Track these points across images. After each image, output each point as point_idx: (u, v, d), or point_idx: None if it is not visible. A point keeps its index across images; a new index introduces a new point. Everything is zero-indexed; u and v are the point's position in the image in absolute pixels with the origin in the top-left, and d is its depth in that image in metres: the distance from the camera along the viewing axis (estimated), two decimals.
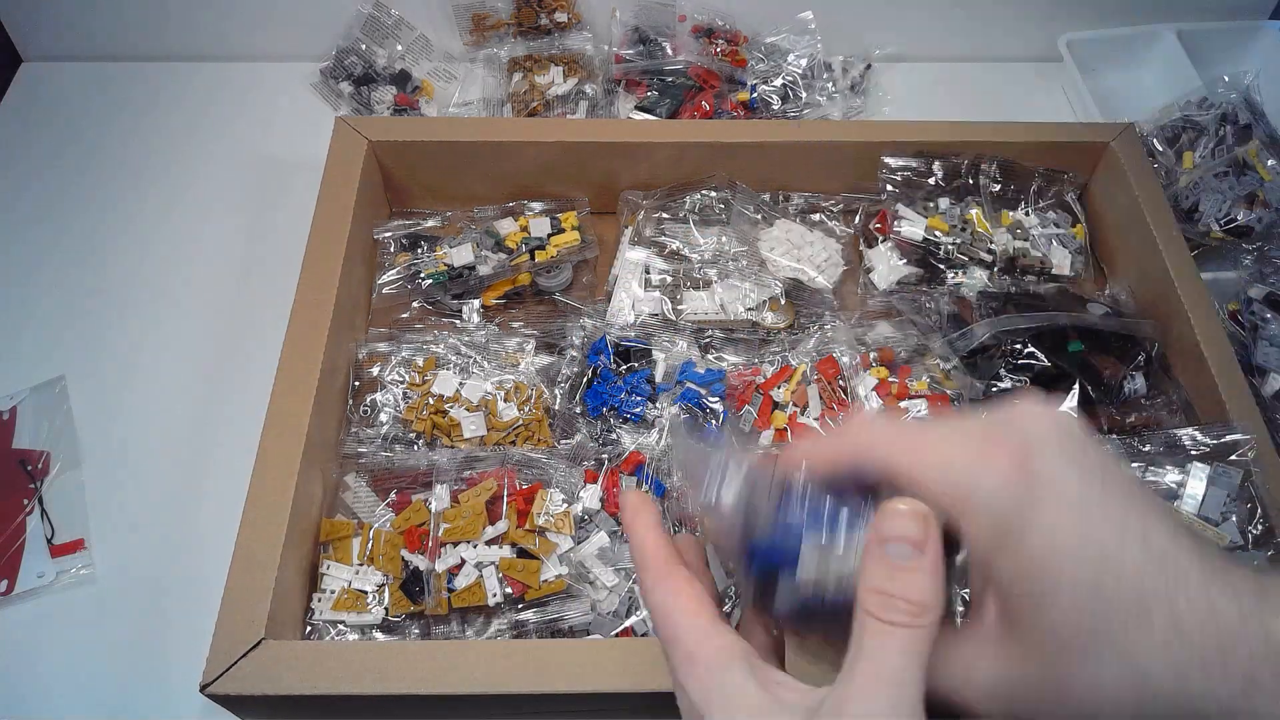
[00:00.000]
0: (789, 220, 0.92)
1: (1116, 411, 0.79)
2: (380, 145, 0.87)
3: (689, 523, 0.70)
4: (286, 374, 0.72)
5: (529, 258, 0.88)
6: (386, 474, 0.74)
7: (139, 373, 0.88)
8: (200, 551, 0.76)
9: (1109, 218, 0.93)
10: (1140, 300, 0.87)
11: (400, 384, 0.80)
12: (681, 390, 0.78)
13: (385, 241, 0.89)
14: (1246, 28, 1.12)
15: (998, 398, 0.79)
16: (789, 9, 1.08)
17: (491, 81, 1.08)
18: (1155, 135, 0.99)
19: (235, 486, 0.66)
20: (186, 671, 0.60)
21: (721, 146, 0.89)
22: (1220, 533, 0.68)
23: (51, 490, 0.79)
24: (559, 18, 1.08)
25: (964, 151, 0.91)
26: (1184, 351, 0.81)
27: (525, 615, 0.67)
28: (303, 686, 0.58)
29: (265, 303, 0.86)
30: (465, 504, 0.70)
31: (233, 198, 1.00)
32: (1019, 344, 0.79)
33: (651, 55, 1.06)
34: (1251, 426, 0.73)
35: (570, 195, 0.92)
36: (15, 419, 0.83)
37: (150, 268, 0.95)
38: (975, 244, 0.89)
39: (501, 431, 0.77)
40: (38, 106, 1.08)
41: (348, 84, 1.07)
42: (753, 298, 0.86)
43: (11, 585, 0.74)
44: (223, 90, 1.10)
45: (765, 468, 0.35)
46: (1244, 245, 0.91)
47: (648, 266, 0.88)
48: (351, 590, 0.68)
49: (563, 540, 0.69)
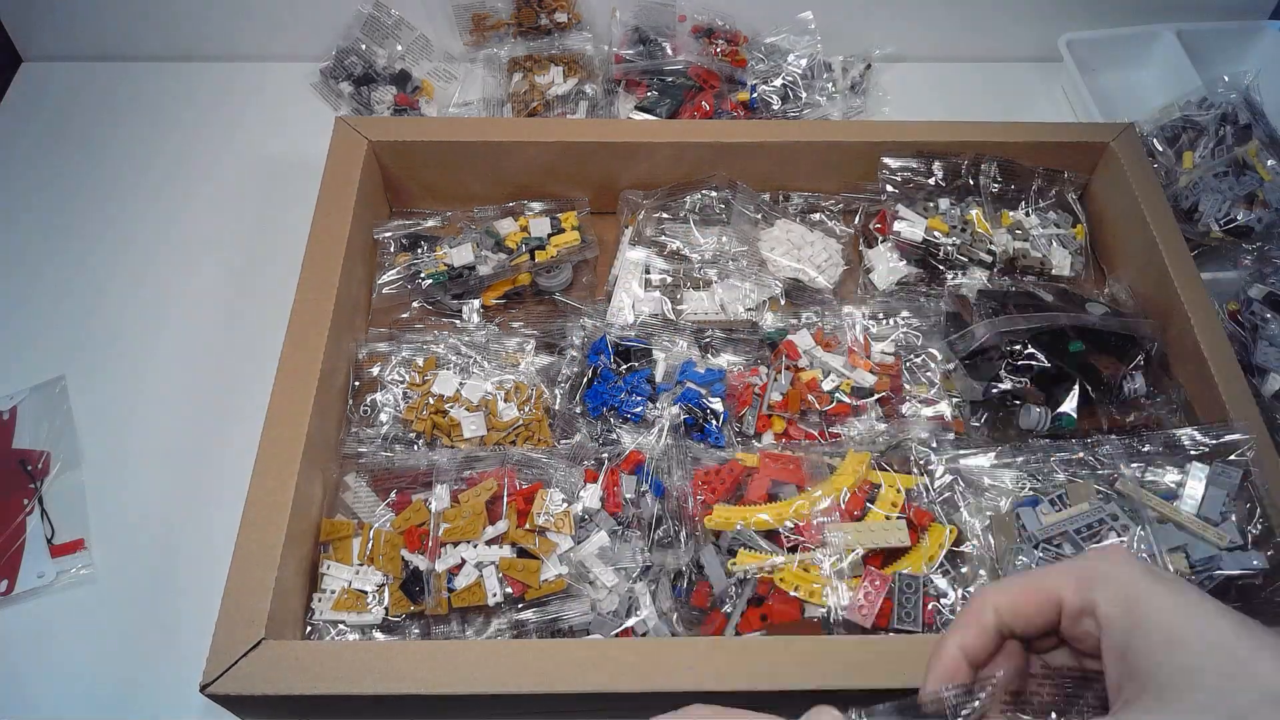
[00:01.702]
0: (789, 220, 0.92)
1: (1116, 411, 0.79)
2: (380, 145, 0.87)
3: (688, 523, 0.70)
4: (286, 374, 0.72)
5: (529, 258, 0.88)
6: (386, 474, 0.74)
7: (139, 373, 0.88)
8: (200, 551, 0.76)
9: (1109, 218, 0.93)
10: (1140, 300, 0.87)
11: (400, 384, 0.80)
12: (681, 390, 0.78)
13: (385, 241, 0.89)
14: (1246, 28, 1.12)
15: (998, 398, 0.79)
16: (789, 9, 1.08)
17: (491, 81, 1.08)
18: (1155, 135, 0.99)
19: (235, 486, 0.66)
20: (186, 671, 0.60)
21: (721, 146, 0.89)
22: (1220, 533, 0.68)
23: (51, 490, 0.80)
24: (559, 18, 1.08)
25: (964, 151, 0.91)
26: (1184, 351, 0.81)
27: (525, 615, 0.67)
28: (303, 686, 0.58)
29: (265, 303, 0.86)
30: (465, 504, 0.70)
31: (233, 198, 1.00)
32: (1019, 344, 0.79)
33: (651, 55, 1.06)
34: (1251, 426, 0.73)
35: (570, 195, 0.92)
36: (15, 419, 0.83)
37: (150, 268, 0.95)
38: (975, 244, 0.89)
39: (501, 431, 0.77)
40: (38, 106, 1.08)
41: (348, 84, 1.07)
42: (753, 298, 0.86)
43: (11, 585, 0.74)
44: (223, 90, 1.10)
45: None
46: (1244, 245, 0.91)
47: (648, 266, 0.88)
48: (351, 590, 0.68)
49: (563, 540, 0.69)
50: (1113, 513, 0.68)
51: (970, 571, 0.69)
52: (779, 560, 0.67)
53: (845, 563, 0.67)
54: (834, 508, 0.69)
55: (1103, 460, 0.72)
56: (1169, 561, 0.66)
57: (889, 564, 0.68)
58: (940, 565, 0.68)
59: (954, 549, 0.69)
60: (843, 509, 0.69)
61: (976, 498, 0.72)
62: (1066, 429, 0.77)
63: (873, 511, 0.70)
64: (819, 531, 0.68)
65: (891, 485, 0.71)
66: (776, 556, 0.67)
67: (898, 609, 0.65)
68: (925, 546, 0.69)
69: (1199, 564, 0.66)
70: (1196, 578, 0.66)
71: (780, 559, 0.67)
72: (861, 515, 0.70)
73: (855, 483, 0.70)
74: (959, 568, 0.69)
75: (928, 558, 0.68)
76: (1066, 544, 0.68)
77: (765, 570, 0.66)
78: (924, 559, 0.68)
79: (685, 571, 0.69)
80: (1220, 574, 0.66)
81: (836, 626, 0.65)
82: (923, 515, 0.70)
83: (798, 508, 0.69)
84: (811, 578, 0.66)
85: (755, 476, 0.72)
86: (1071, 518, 0.68)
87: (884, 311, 0.86)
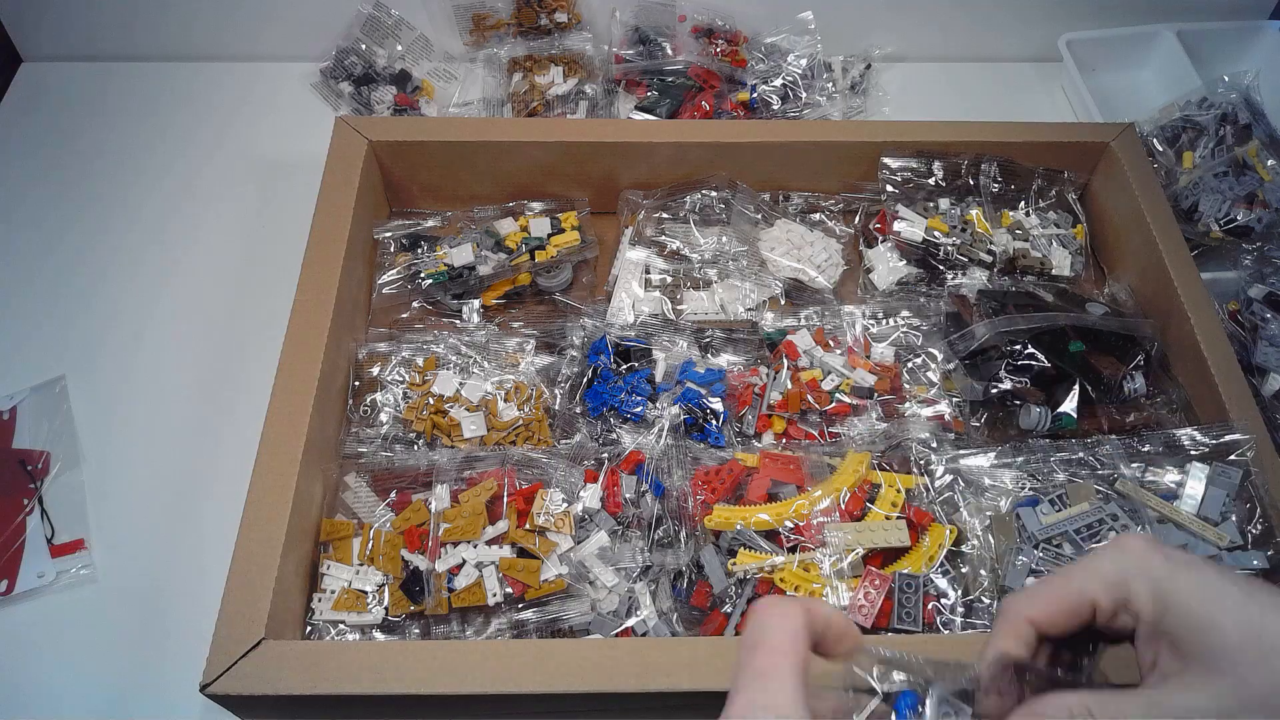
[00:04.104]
0: (789, 220, 0.92)
1: (1116, 411, 0.79)
2: (380, 145, 0.87)
3: (688, 523, 0.70)
4: (286, 374, 0.72)
5: (529, 258, 0.88)
6: (386, 474, 0.74)
7: (139, 373, 0.88)
8: (200, 551, 0.76)
9: (1109, 218, 0.93)
10: (1140, 300, 0.87)
11: (400, 384, 0.80)
12: (681, 390, 0.78)
13: (385, 241, 0.89)
14: (1246, 28, 1.12)
15: (998, 398, 0.79)
16: (789, 9, 1.08)
17: (491, 81, 1.08)
18: (1155, 135, 0.99)
19: (235, 486, 0.66)
20: (186, 671, 0.60)
21: (721, 146, 0.89)
22: (1220, 533, 0.68)
23: (51, 490, 0.80)
24: (559, 18, 1.08)
25: (964, 151, 0.91)
26: (1184, 351, 0.81)
27: (525, 615, 0.67)
28: (303, 686, 0.58)
29: (265, 303, 0.86)
30: (465, 504, 0.70)
31: (233, 198, 1.00)
32: (1019, 344, 0.79)
33: (651, 55, 1.06)
34: (1251, 426, 0.73)
35: (570, 195, 0.92)
36: (15, 419, 0.83)
37: (150, 268, 0.95)
38: (975, 244, 0.89)
39: (501, 431, 0.77)
40: (38, 106, 1.08)
41: (348, 84, 1.07)
42: (753, 298, 0.86)
43: (11, 585, 0.74)
44: (223, 90, 1.10)
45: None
46: (1244, 245, 0.91)
47: (648, 266, 0.88)
48: (351, 590, 0.68)
49: (563, 540, 0.69)
50: (1113, 513, 0.68)
51: (970, 571, 0.69)
52: (779, 560, 0.67)
53: (845, 563, 0.67)
54: (834, 508, 0.69)
55: (1103, 460, 0.73)
56: None
57: (889, 564, 0.68)
58: (940, 565, 0.68)
59: (954, 549, 0.69)
60: (842, 509, 0.69)
61: (976, 498, 0.72)
62: (1066, 429, 0.77)
63: (873, 511, 0.70)
64: (819, 531, 0.68)
65: (891, 485, 0.71)
66: (776, 556, 0.67)
67: (898, 609, 0.65)
68: (925, 546, 0.69)
69: None
70: None
71: (780, 559, 0.67)
72: (861, 515, 0.70)
73: (855, 483, 0.70)
74: (959, 568, 0.69)
75: (928, 558, 0.68)
76: (1066, 544, 0.68)
77: (765, 570, 0.67)
78: (924, 559, 0.68)
79: (685, 571, 0.69)
80: None
81: None
82: (923, 515, 0.70)
83: (797, 507, 0.69)
84: (811, 577, 0.66)
85: (755, 476, 0.72)
86: (1071, 518, 0.68)
87: (884, 311, 0.86)
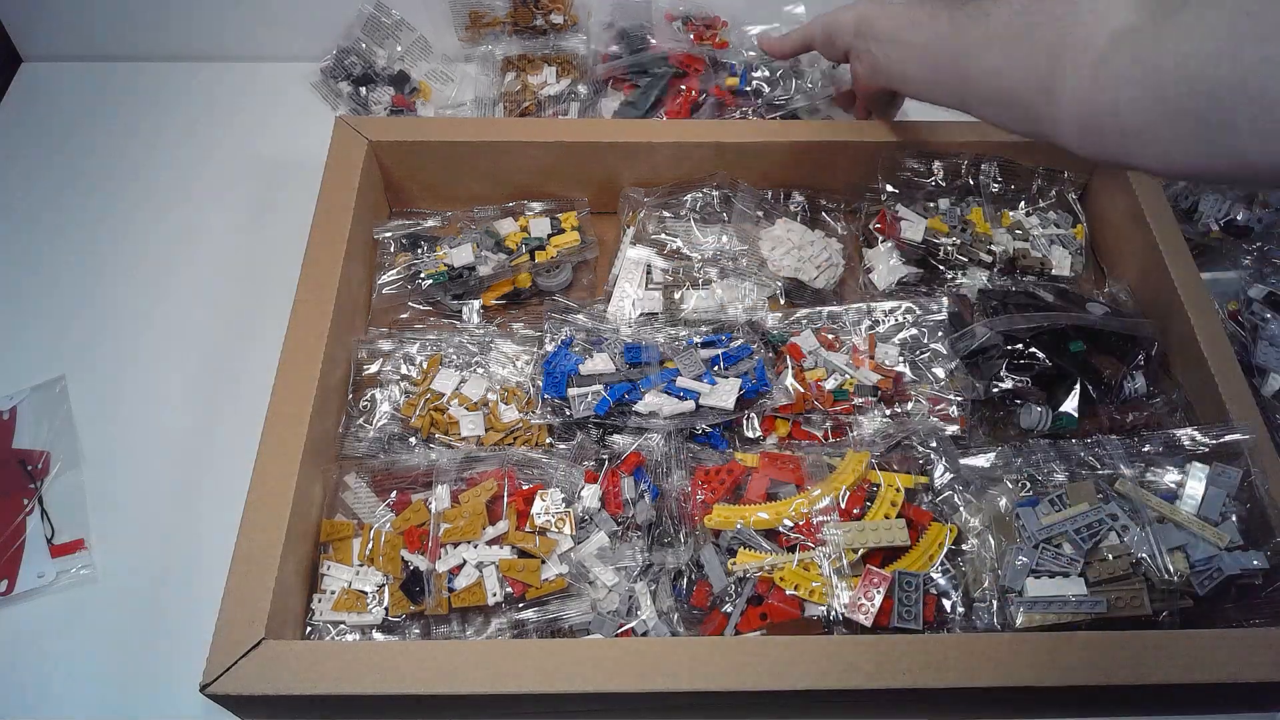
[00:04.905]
0: (790, 219, 0.92)
1: (1116, 411, 0.79)
2: (380, 145, 0.87)
3: (688, 522, 0.70)
4: (286, 374, 0.72)
5: (529, 258, 0.88)
6: (386, 474, 0.73)
7: (139, 373, 0.88)
8: (200, 551, 0.76)
9: (1109, 218, 0.92)
10: (1140, 300, 0.87)
11: (399, 382, 0.80)
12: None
13: (385, 241, 0.89)
14: None
15: (999, 398, 0.79)
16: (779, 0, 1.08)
17: (484, 80, 1.07)
18: None
19: (235, 486, 0.66)
20: (186, 671, 0.60)
21: (722, 146, 0.89)
22: (1220, 533, 0.68)
23: (51, 490, 0.80)
24: (555, 19, 1.08)
25: (964, 151, 0.91)
26: (1184, 351, 0.81)
27: (525, 615, 0.67)
28: (303, 686, 0.58)
29: (265, 303, 0.86)
30: (465, 504, 0.70)
31: (233, 198, 1.00)
32: (1019, 344, 0.79)
33: (633, 50, 1.05)
34: (1251, 426, 0.73)
35: (570, 195, 0.92)
36: (15, 419, 0.83)
37: (150, 268, 0.95)
38: (975, 244, 0.89)
39: (501, 432, 0.77)
40: (38, 106, 1.08)
41: (346, 84, 1.07)
42: (753, 297, 0.86)
43: (11, 585, 0.74)
44: (223, 90, 1.10)
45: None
46: (1244, 245, 0.91)
47: (649, 265, 0.88)
48: (351, 590, 0.68)
49: (563, 540, 0.69)
50: (1113, 513, 0.68)
51: (970, 571, 0.69)
52: (779, 559, 0.67)
53: (845, 562, 0.67)
54: (833, 507, 0.69)
55: (1103, 460, 0.73)
56: (1169, 561, 0.66)
57: (889, 563, 0.68)
58: (940, 565, 0.68)
59: (954, 548, 0.69)
60: (842, 508, 0.69)
61: (976, 498, 0.72)
62: (1067, 429, 0.77)
63: (873, 511, 0.70)
64: (819, 531, 0.68)
65: (891, 485, 0.71)
66: (776, 556, 0.67)
67: (898, 608, 0.65)
68: (925, 546, 0.69)
69: (1199, 564, 0.66)
70: (1197, 578, 0.66)
71: (780, 558, 0.67)
72: (861, 515, 0.70)
73: (855, 482, 0.70)
74: (959, 567, 0.69)
75: (928, 557, 0.68)
76: (1066, 544, 0.68)
77: (765, 569, 0.67)
78: (924, 558, 0.68)
79: (685, 571, 0.69)
80: (1220, 574, 0.66)
81: (836, 626, 0.65)
82: (923, 515, 0.70)
83: (797, 507, 0.69)
84: (811, 577, 0.66)
85: (755, 476, 0.72)
86: (1071, 518, 0.68)
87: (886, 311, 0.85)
